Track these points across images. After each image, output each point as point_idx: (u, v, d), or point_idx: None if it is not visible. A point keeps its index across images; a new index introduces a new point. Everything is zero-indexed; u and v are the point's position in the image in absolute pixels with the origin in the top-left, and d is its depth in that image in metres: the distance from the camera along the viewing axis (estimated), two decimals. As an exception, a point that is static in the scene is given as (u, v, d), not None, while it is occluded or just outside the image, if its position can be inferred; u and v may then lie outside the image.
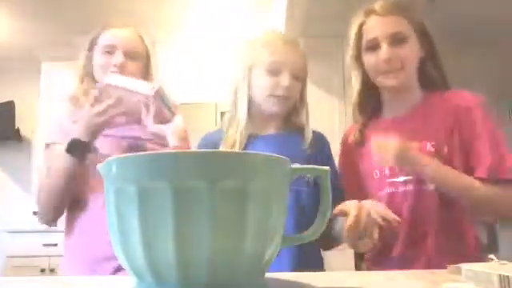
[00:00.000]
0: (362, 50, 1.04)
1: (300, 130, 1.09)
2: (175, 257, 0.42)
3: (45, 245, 3.15)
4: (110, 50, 1.16)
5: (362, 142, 1.09)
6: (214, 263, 0.43)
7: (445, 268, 0.65)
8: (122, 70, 1.13)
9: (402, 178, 1.00)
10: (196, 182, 0.41)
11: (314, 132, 1.10)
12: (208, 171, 0.42)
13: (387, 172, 1.02)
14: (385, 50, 0.98)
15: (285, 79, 1.02)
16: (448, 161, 0.95)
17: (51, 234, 3.14)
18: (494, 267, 0.49)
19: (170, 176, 0.42)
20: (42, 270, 3.13)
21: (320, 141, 1.11)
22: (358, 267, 2.75)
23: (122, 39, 1.17)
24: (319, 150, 1.08)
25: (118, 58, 1.14)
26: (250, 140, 1.05)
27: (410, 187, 0.99)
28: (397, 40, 0.99)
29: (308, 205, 0.99)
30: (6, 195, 3.91)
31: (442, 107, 1.02)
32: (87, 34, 1.24)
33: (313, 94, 3.12)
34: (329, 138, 1.16)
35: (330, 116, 3.07)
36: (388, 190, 1.02)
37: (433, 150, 0.97)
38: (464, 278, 0.51)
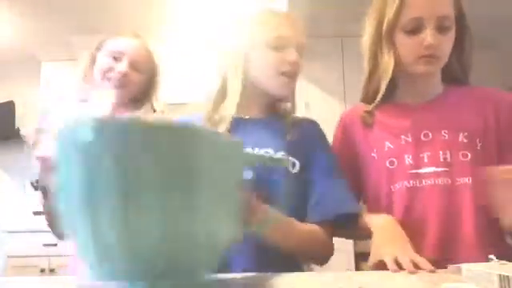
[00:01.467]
0: (397, 29, 0.90)
1: (283, 116, 1.01)
2: (122, 246, 0.40)
3: (45, 245, 3.14)
4: (116, 56, 1.16)
5: (371, 124, 0.98)
6: (165, 249, 0.41)
7: (445, 268, 0.65)
8: (124, 78, 1.14)
9: (430, 169, 0.87)
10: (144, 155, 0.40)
11: (304, 120, 1.02)
12: (157, 146, 0.40)
13: (410, 161, 0.89)
14: (430, 33, 0.86)
15: (292, 54, 0.95)
16: (481, 154, 0.87)
17: (51, 234, 3.14)
18: (494, 267, 0.49)
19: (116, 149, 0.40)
20: (42, 270, 3.13)
21: (308, 128, 1.00)
22: (358, 267, 2.75)
23: (130, 48, 1.18)
24: (305, 137, 0.97)
25: (123, 65, 1.15)
26: (237, 124, 0.97)
27: (441, 180, 0.87)
28: (443, 26, 0.87)
29: (283, 197, 0.88)
30: (6, 195, 3.90)
31: (473, 99, 0.93)
32: (87, 34, 1.24)
33: (313, 94, 3.14)
34: (329, 137, 1.06)
35: (330, 116, 3.06)
36: (408, 183, 0.89)
37: (466, 141, 0.88)
38: (464, 278, 0.51)
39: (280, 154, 0.91)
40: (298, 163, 0.92)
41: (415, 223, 0.87)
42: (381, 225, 0.84)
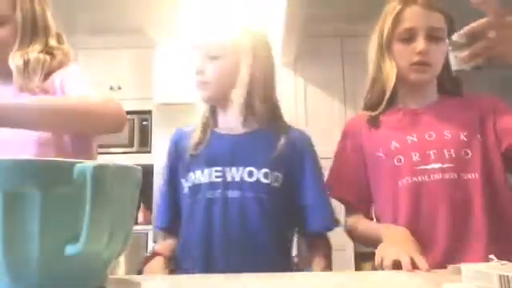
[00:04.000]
0: (394, 39, 1.00)
1: (275, 129, 1.02)
2: (4, 256, 0.45)
3: None
4: None
5: (376, 125, 1.03)
6: (45, 264, 0.45)
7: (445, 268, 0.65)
8: None
9: (437, 165, 0.92)
10: (27, 188, 0.44)
11: (294, 131, 1.04)
12: (39, 179, 0.45)
13: (417, 158, 0.94)
14: (421, 41, 0.95)
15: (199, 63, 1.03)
16: (482, 150, 0.92)
17: None
18: (493, 267, 0.49)
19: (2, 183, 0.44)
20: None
21: (297, 141, 1.02)
22: (357, 267, 2.75)
23: None
24: (292, 150, 0.99)
25: None
26: (215, 138, 1.02)
27: (448, 175, 0.91)
28: (434, 36, 0.96)
29: (269, 212, 0.94)
30: None
31: (469, 102, 1.00)
32: (87, 35, 1.20)
33: (313, 94, 3.14)
34: (329, 138, 1.09)
35: (330, 116, 3.07)
36: (415, 178, 0.93)
37: (466, 139, 0.93)
38: (464, 278, 0.51)
39: (262, 172, 0.95)
40: (281, 177, 0.97)
41: (424, 216, 0.91)
42: (391, 230, 0.89)
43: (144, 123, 3.22)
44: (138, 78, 3.26)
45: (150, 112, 3.18)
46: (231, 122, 1.01)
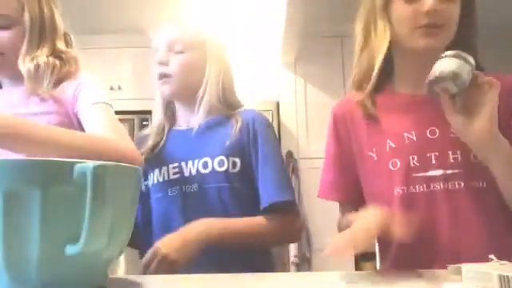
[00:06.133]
0: None
1: (232, 114, 1.01)
2: (4, 256, 0.45)
3: None
4: None
5: (373, 114, 0.84)
6: (45, 264, 0.46)
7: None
8: None
9: (439, 172, 0.76)
10: (27, 188, 0.44)
11: (247, 114, 1.01)
12: (39, 179, 0.45)
13: (416, 163, 0.77)
14: None
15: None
16: None
17: None
18: (494, 267, 0.49)
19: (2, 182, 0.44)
20: None
21: (249, 124, 0.99)
22: (357, 267, 2.75)
23: None
24: (246, 134, 0.98)
25: None
26: (171, 136, 1.03)
27: (452, 185, 0.75)
28: None
29: (231, 201, 0.93)
30: None
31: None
32: (87, 34, 1.19)
33: (313, 93, 3.14)
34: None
35: (329, 116, 3.06)
36: (412, 188, 0.77)
37: None
38: (464, 278, 0.51)
39: (217, 161, 0.94)
40: (238, 162, 0.95)
41: (423, 235, 0.72)
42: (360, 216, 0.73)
43: (144, 123, 3.22)
44: (138, 78, 3.26)
45: (150, 112, 3.18)
46: (195, 118, 1.00)
